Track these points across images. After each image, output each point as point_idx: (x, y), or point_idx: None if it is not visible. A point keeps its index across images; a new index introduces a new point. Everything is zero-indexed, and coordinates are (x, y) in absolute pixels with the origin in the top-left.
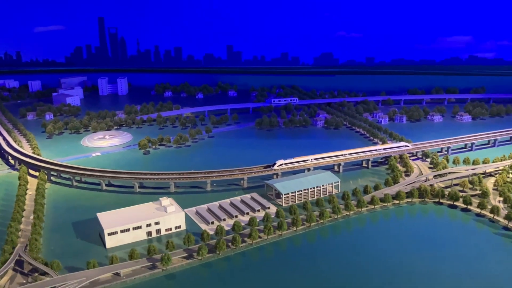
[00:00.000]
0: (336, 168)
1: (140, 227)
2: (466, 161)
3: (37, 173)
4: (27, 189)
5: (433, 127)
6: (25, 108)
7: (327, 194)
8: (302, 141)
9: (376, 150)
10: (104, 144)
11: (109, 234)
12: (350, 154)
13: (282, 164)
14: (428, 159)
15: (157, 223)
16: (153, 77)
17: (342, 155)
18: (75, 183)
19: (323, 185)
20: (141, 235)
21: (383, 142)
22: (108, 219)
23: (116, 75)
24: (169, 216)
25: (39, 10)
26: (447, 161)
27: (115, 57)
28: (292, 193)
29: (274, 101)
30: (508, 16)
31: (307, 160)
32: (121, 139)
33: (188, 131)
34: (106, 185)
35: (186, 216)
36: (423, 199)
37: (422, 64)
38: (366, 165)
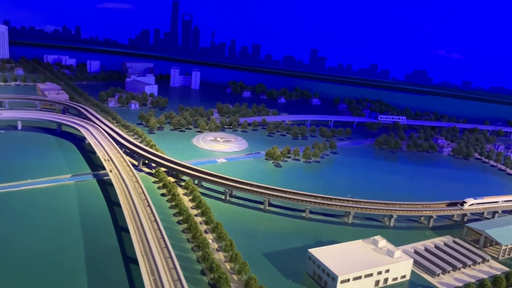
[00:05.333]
0: None
1: (371, 274)
2: None
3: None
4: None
5: None
6: (105, 93)
7: None
8: (429, 170)
9: None
10: (220, 148)
11: (342, 282)
12: None
13: (472, 204)
14: None
15: (387, 271)
16: (224, 72)
17: None
18: (228, 198)
19: None
20: (369, 285)
21: None
22: (331, 261)
23: (184, 65)
24: (398, 263)
25: None
26: None
27: (185, 46)
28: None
29: (381, 117)
30: None
31: (497, 202)
32: (237, 144)
33: (313, 144)
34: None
35: None
36: None
37: None
38: None
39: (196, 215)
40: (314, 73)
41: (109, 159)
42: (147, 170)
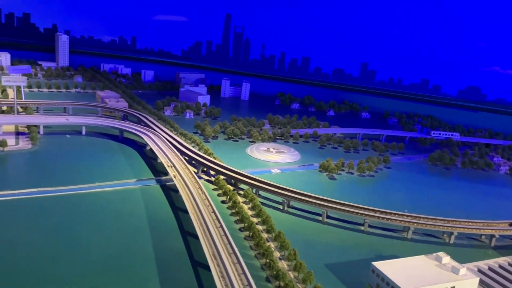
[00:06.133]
0: None
1: None
2: None
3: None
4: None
5: None
6: (162, 102)
7: None
8: (486, 188)
9: None
10: (273, 159)
11: None
12: None
13: None
14: None
15: None
16: (273, 84)
17: None
18: (286, 208)
19: None
20: None
21: None
22: (395, 275)
23: (234, 77)
24: (463, 281)
25: None
26: None
27: (235, 58)
28: None
29: (434, 133)
30: None
31: None
32: (290, 155)
33: (367, 158)
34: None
35: None
36: None
37: None
38: None
39: (256, 223)
40: (364, 87)
41: (172, 165)
42: (206, 177)
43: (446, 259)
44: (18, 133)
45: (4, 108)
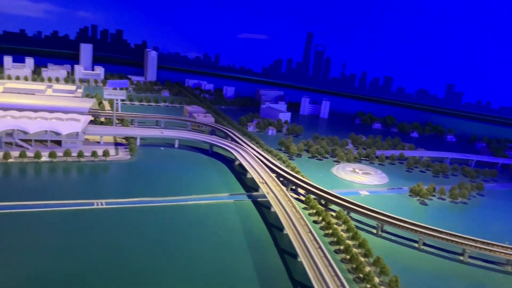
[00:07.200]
0: None
1: None
2: None
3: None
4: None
5: None
6: (245, 118)
7: None
8: None
9: None
10: (360, 180)
11: None
12: None
13: None
14: None
15: None
16: (352, 103)
17: None
18: (379, 232)
19: None
20: None
21: None
22: None
23: (313, 94)
24: None
25: (247, 17)
26: None
27: (315, 76)
28: None
29: None
30: None
31: None
32: (377, 177)
33: (459, 184)
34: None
35: None
36: None
37: None
38: None
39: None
40: (449, 109)
41: (264, 182)
42: (294, 195)
43: None
44: (116, 144)
45: (102, 119)
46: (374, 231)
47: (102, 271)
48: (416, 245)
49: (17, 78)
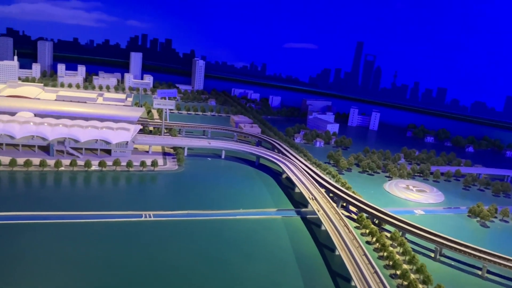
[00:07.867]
0: None
1: None
2: None
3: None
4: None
5: None
6: (292, 129)
7: None
8: None
9: None
10: (414, 198)
11: None
12: None
13: None
14: None
15: None
16: (403, 114)
17: None
18: (438, 256)
19: None
20: None
21: None
22: None
23: (362, 105)
24: None
25: (296, 26)
26: None
27: (364, 86)
28: None
29: None
30: None
31: None
32: (433, 195)
33: None
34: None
35: None
36: None
37: None
38: None
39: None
40: (509, 123)
41: (313, 198)
42: (346, 213)
43: None
44: (164, 154)
45: (151, 128)
46: (432, 254)
47: (149, 285)
48: (479, 272)
49: (70, 85)
